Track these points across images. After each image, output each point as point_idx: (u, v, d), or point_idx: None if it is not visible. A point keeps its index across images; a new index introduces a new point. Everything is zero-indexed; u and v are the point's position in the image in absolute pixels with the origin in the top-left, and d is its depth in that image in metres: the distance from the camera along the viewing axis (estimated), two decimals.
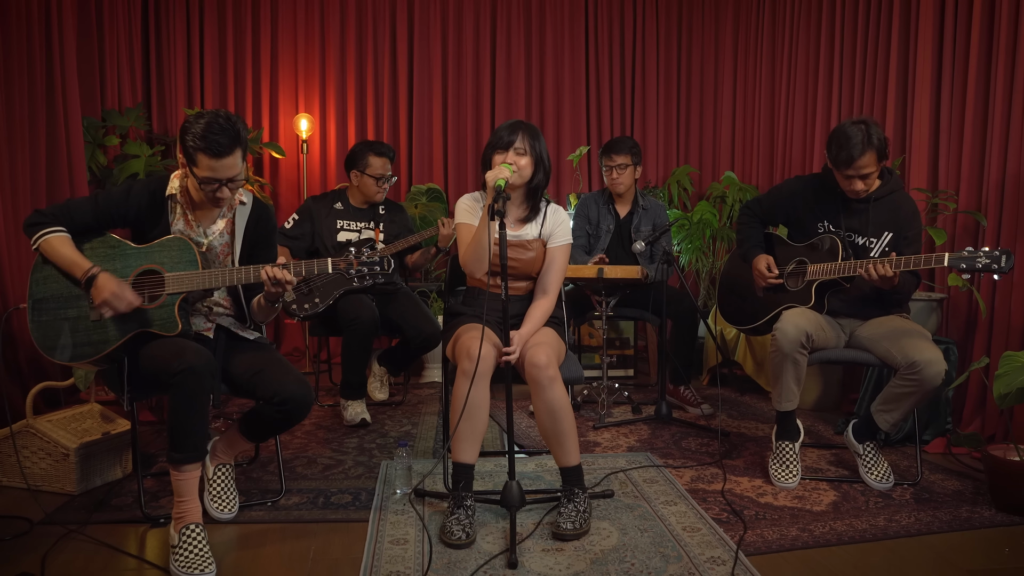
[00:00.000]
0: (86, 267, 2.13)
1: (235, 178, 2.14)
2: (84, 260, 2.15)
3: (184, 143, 2.09)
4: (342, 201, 3.67)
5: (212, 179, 2.11)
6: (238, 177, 2.14)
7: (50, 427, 2.60)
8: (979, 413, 3.14)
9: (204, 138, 2.05)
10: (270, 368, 2.24)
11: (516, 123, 2.43)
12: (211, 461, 2.40)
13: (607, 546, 2.17)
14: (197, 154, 2.08)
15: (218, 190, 2.14)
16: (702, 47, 5.24)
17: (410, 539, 2.22)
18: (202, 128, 2.06)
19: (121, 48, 4.20)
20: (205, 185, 2.12)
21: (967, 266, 2.30)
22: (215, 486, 2.37)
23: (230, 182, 2.14)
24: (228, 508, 2.35)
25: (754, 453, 3.03)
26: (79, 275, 2.13)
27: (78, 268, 2.14)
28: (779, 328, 2.62)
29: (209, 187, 2.13)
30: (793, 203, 2.88)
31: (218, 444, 2.43)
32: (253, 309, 2.36)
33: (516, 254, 2.46)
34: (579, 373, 2.54)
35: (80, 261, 2.15)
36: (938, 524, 2.34)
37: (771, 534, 2.26)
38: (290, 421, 2.28)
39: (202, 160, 2.08)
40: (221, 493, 2.37)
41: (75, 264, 2.15)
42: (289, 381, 2.20)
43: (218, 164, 2.08)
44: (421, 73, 4.90)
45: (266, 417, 2.27)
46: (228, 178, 2.12)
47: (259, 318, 2.39)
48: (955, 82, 3.34)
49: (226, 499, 2.37)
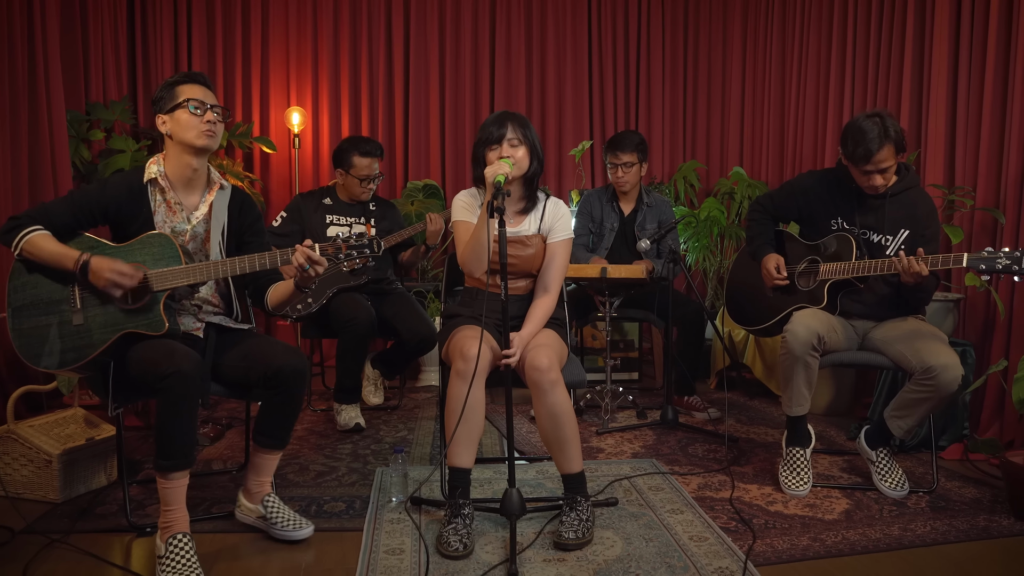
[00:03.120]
0: (75, 255, 2.14)
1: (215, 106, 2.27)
2: (72, 250, 2.16)
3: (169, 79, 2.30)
4: (331, 197, 3.67)
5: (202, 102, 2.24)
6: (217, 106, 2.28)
7: (32, 432, 2.60)
8: (997, 418, 3.14)
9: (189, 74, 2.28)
10: (257, 348, 2.30)
11: (502, 114, 2.43)
12: (250, 501, 2.37)
13: (611, 556, 2.17)
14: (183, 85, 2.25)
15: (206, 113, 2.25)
16: (709, 37, 5.24)
17: (406, 549, 2.22)
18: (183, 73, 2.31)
19: (106, 39, 4.20)
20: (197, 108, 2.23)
21: (987, 267, 2.29)
22: (275, 515, 2.32)
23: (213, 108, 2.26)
24: (299, 525, 2.31)
25: (763, 460, 3.03)
26: (70, 265, 2.13)
27: (68, 259, 2.14)
28: (790, 329, 2.62)
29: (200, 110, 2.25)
30: (806, 199, 2.88)
31: (249, 479, 2.37)
32: (270, 302, 2.37)
33: (515, 251, 2.46)
34: (582, 377, 2.54)
35: (68, 252, 2.16)
36: (955, 533, 2.34)
37: (781, 544, 2.26)
38: (292, 395, 2.27)
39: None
40: (284, 517, 2.32)
41: (64, 256, 2.15)
42: (278, 352, 2.26)
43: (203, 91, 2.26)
44: (418, 64, 4.90)
45: (270, 406, 2.28)
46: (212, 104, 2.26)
47: (279, 308, 2.39)
48: (972, 73, 3.34)
49: (293, 519, 2.32)
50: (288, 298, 2.34)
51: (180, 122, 2.22)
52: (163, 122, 2.26)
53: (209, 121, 2.23)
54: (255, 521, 2.36)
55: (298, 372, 2.24)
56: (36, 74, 3.52)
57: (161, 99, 2.25)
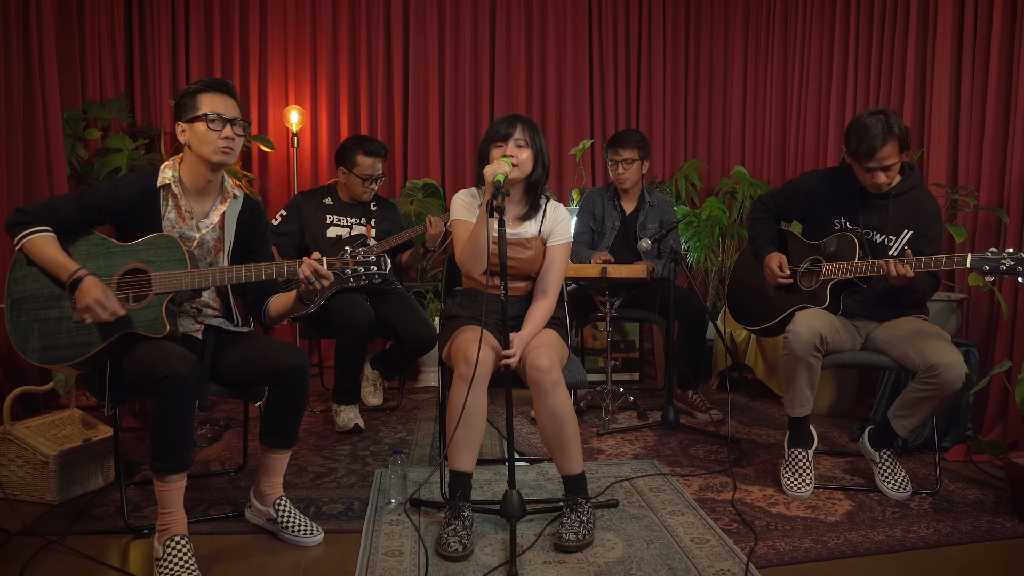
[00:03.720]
0: (72, 269, 2.13)
1: (236, 119, 2.25)
2: (70, 262, 2.15)
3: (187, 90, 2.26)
4: (331, 196, 3.67)
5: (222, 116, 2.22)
6: (239, 120, 2.26)
7: (28, 434, 2.60)
8: (1001, 419, 3.14)
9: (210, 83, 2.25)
10: (257, 347, 2.29)
11: (513, 116, 2.44)
12: (262, 503, 2.35)
13: (611, 558, 2.17)
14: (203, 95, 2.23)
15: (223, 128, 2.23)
16: (711, 35, 5.24)
17: (405, 551, 2.22)
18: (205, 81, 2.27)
19: (103, 36, 4.19)
20: (213, 123, 2.21)
21: (990, 268, 2.29)
22: (287, 520, 2.31)
23: (232, 122, 2.24)
24: (310, 531, 2.30)
25: (765, 461, 3.03)
26: (64, 277, 2.13)
27: (64, 270, 2.14)
28: (792, 330, 2.62)
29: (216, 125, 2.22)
30: (809, 198, 2.88)
31: (260, 481, 2.36)
32: (270, 313, 2.37)
33: (515, 253, 2.46)
34: (582, 377, 2.54)
35: (66, 263, 2.14)
36: (958, 535, 2.34)
37: (783, 545, 2.26)
38: (295, 392, 2.26)
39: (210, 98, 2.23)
40: (295, 522, 2.31)
41: (60, 266, 2.14)
42: (277, 351, 2.25)
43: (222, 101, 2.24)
44: (417, 62, 4.90)
45: (273, 405, 2.28)
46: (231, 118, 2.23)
47: (278, 319, 2.39)
48: (976, 70, 3.34)
49: (304, 524, 2.31)
50: (289, 309, 2.33)
51: (198, 135, 2.20)
52: (182, 131, 2.23)
53: (227, 137, 2.20)
54: (265, 523, 2.36)
55: (298, 369, 2.24)
56: (31, 72, 3.51)
57: (183, 106, 2.23)
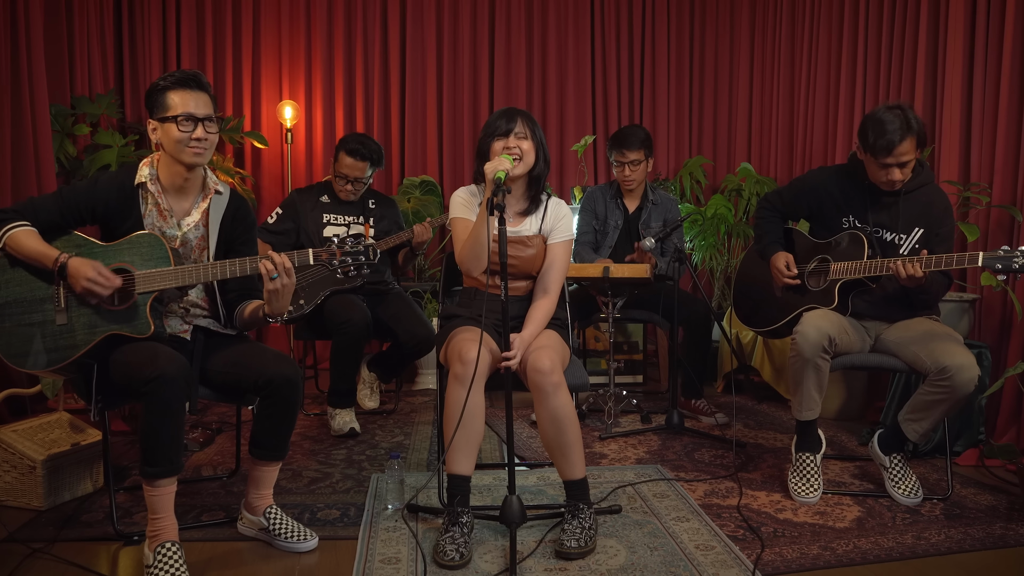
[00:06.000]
0: (54, 255, 2.14)
1: (209, 117, 2.22)
2: (53, 250, 2.17)
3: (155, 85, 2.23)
4: (328, 194, 3.66)
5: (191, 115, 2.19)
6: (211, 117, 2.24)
7: (15, 437, 2.60)
8: (1014, 423, 3.14)
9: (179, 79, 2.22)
10: (248, 355, 2.28)
11: (512, 109, 2.45)
12: (252, 514, 2.35)
13: (614, 565, 2.17)
14: (170, 92, 2.19)
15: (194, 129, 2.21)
16: (716, 28, 5.25)
17: (402, 558, 2.22)
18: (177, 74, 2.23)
19: (92, 29, 4.20)
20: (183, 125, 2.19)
21: (1003, 267, 2.29)
22: (278, 527, 2.31)
23: (206, 120, 2.22)
24: (303, 537, 2.30)
25: (772, 466, 3.03)
26: (49, 265, 2.14)
27: (47, 258, 2.15)
28: (799, 331, 2.62)
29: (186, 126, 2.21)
30: (817, 196, 2.88)
31: (249, 492, 2.35)
32: (241, 318, 2.35)
33: (515, 251, 2.46)
34: (584, 380, 2.54)
35: (49, 251, 2.16)
36: (970, 542, 2.34)
37: (791, 552, 2.26)
38: (286, 405, 2.25)
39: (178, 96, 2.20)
40: (288, 529, 2.31)
41: (44, 255, 2.16)
42: (268, 361, 2.23)
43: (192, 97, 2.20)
44: (414, 56, 4.91)
45: (264, 416, 2.26)
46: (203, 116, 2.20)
47: (243, 327, 2.39)
48: (988, 66, 3.34)
49: (297, 531, 2.31)
50: (252, 322, 2.33)
51: (169, 135, 2.20)
52: (153, 128, 2.23)
53: (198, 139, 2.20)
54: (258, 533, 2.35)
55: (289, 381, 2.22)
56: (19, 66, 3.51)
57: (153, 103, 2.22)
